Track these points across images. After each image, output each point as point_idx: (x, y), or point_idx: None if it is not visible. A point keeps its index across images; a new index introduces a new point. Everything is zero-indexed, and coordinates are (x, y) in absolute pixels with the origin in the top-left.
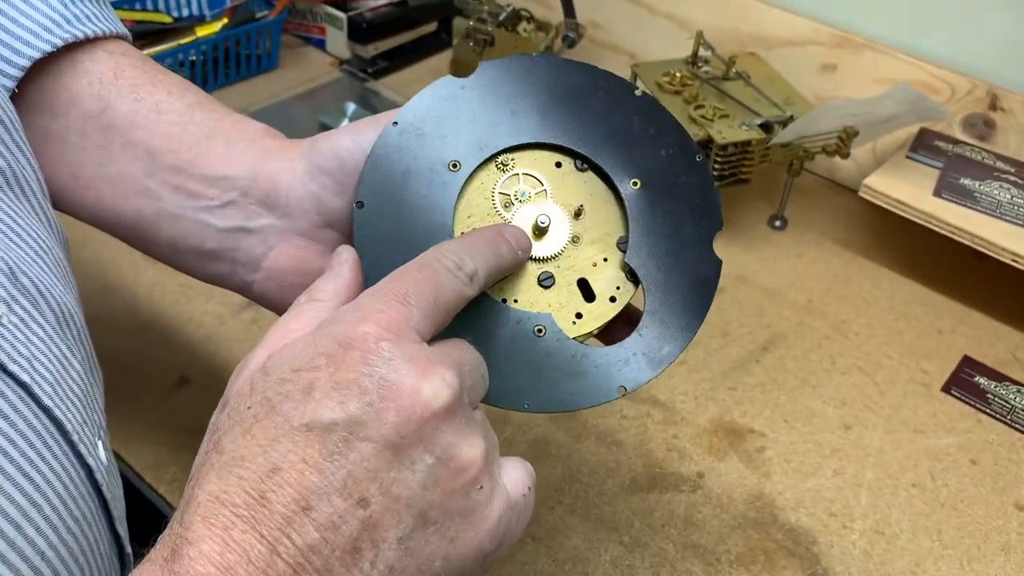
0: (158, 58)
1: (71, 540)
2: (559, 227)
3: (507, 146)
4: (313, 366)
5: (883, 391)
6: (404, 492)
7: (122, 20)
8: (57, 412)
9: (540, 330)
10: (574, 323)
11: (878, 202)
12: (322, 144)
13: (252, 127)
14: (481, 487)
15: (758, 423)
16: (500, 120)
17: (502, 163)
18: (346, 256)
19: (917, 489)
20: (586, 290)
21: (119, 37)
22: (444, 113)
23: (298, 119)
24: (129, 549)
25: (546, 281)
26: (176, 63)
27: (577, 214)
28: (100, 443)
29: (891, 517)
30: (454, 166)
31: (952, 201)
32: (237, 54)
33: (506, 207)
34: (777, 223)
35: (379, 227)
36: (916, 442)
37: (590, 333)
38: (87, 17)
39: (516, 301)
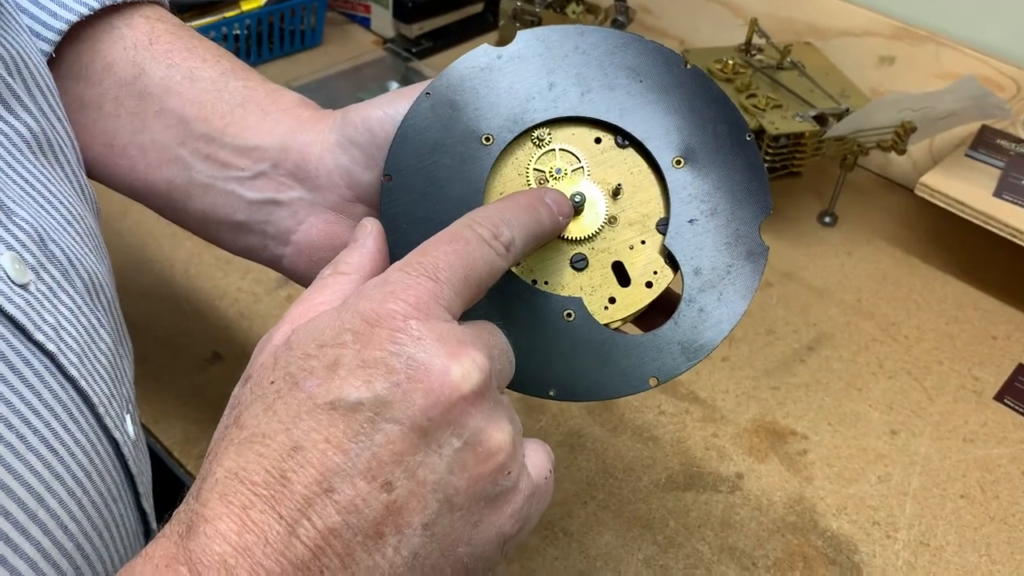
0: (202, 31)
1: (95, 514)
2: (595, 206)
3: (543, 120)
4: (339, 342)
5: (932, 397)
6: (430, 476)
7: None
8: (83, 383)
9: (570, 314)
10: (606, 308)
11: (935, 201)
12: (353, 115)
13: (286, 96)
14: (509, 472)
15: (801, 425)
16: (537, 92)
17: (538, 138)
18: (370, 228)
19: (965, 500)
20: (621, 274)
21: (156, 2)
22: (479, 84)
23: (340, 97)
24: (155, 525)
25: (579, 263)
26: (220, 36)
27: (615, 193)
28: (128, 417)
29: (937, 528)
30: (487, 140)
31: (1013, 202)
32: (281, 29)
33: (540, 184)
34: (827, 219)
35: (407, 201)
36: (965, 451)
37: (623, 319)
38: None
39: (547, 283)
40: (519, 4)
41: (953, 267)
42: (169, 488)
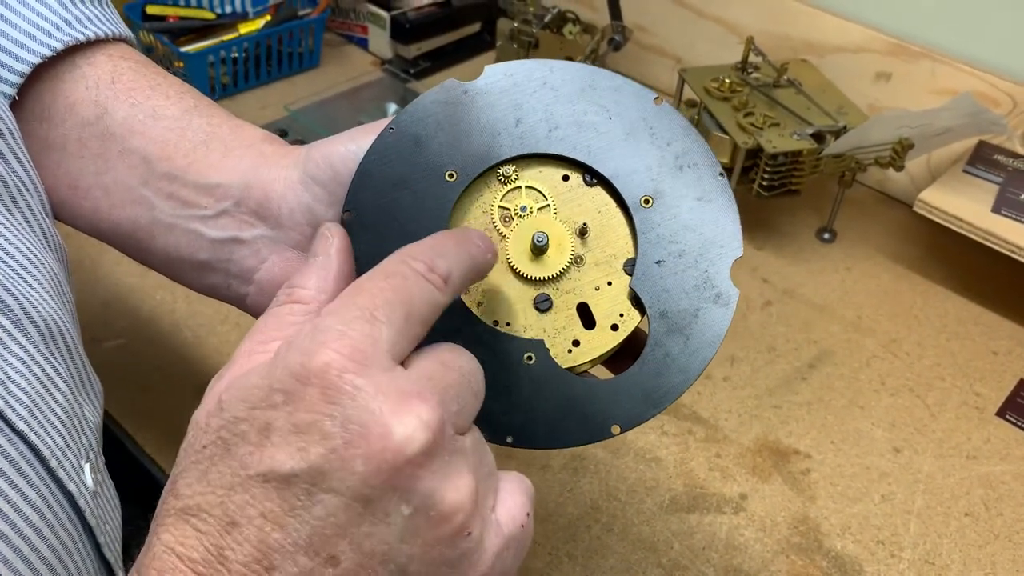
0: (200, 54)
1: (46, 571)
2: (560, 246)
3: (509, 156)
4: (269, 403)
5: (934, 414)
6: (379, 547)
7: (165, 16)
8: (33, 437)
9: (530, 357)
10: (570, 351)
11: (933, 217)
12: (316, 152)
13: (250, 132)
14: (469, 533)
15: (804, 444)
16: (503, 128)
17: (504, 175)
18: (335, 240)
19: (970, 518)
20: (586, 316)
21: (121, 39)
22: (444, 119)
23: (339, 118)
24: (121, 574)
25: (543, 304)
26: (218, 60)
27: (582, 232)
28: (87, 466)
29: (942, 547)
30: (451, 176)
31: (1011, 218)
32: (279, 51)
33: (505, 222)
34: (826, 235)
35: (366, 238)
36: (969, 468)
37: (588, 363)
38: (88, 19)
39: (508, 324)
40: (516, 25)
41: (953, 282)
42: None
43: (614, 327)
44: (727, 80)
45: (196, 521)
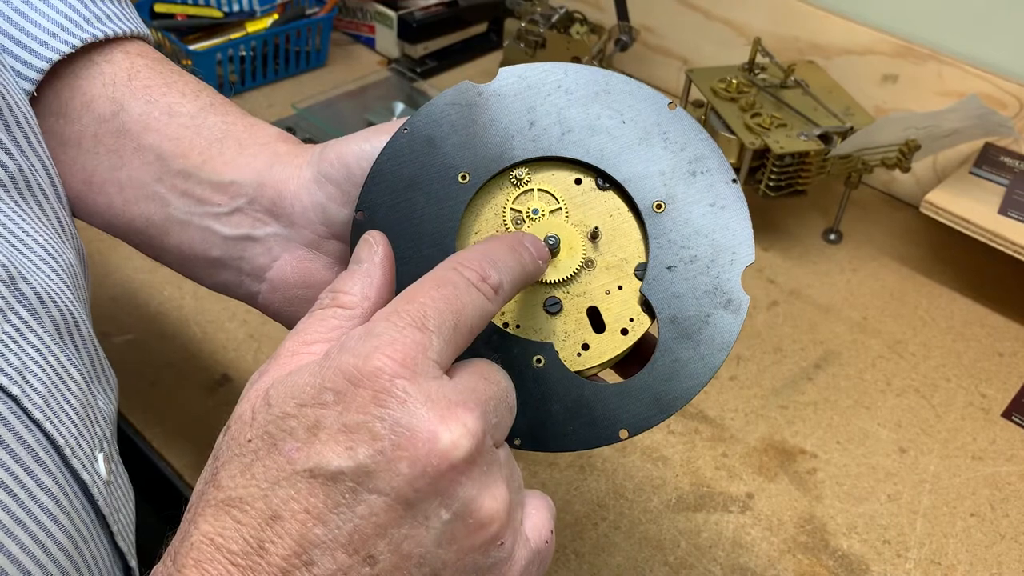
0: (208, 52)
1: (62, 557)
2: (571, 249)
3: (522, 159)
4: (320, 402)
5: (940, 415)
6: (416, 550)
7: (173, 14)
8: (48, 426)
9: (539, 360)
10: (579, 355)
11: (940, 219)
12: (330, 151)
13: (265, 131)
14: (502, 543)
15: (810, 443)
16: (517, 131)
17: (516, 177)
18: (379, 248)
19: (976, 519)
20: (596, 320)
21: (138, 37)
22: (457, 121)
23: (346, 117)
24: (134, 563)
25: (552, 307)
26: (226, 58)
27: (593, 236)
28: (100, 456)
29: (948, 547)
30: (463, 178)
31: (1018, 219)
32: (286, 50)
33: (517, 225)
34: (832, 236)
35: None
36: (975, 469)
37: (596, 367)
38: (107, 16)
39: (518, 327)
40: (523, 25)
41: (958, 284)
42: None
43: (624, 331)
44: (734, 81)
45: (237, 513)
